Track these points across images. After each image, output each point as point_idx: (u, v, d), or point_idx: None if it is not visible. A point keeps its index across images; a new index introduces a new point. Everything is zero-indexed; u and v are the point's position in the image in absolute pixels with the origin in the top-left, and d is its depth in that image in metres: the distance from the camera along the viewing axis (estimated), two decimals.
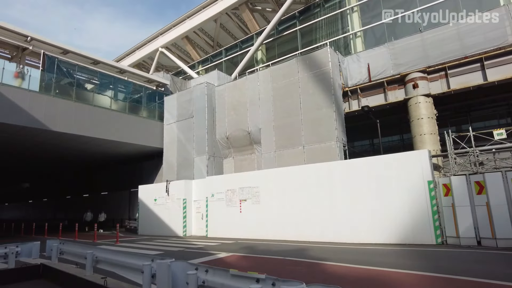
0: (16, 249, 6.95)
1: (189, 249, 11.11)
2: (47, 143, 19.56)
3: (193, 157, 19.82)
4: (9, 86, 15.69)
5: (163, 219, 17.66)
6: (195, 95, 20.55)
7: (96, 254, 5.65)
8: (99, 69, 20.42)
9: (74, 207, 31.84)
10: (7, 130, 16.36)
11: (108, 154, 23.46)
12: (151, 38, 34.08)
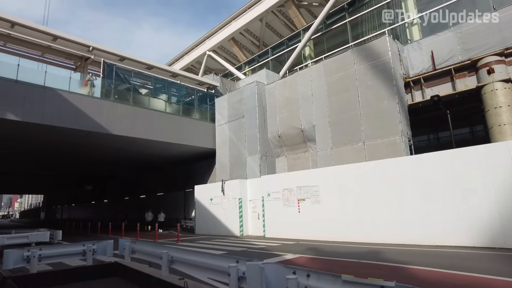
0: (93, 246, 7.02)
1: (251, 249, 10.77)
2: (108, 146, 20.50)
3: (245, 157, 19.62)
4: (76, 94, 16.58)
5: (220, 218, 17.62)
6: (245, 95, 20.36)
7: (171, 254, 5.44)
8: (153, 74, 21.02)
9: (132, 208, 33.27)
10: (75, 135, 17.29)
11: (163, 156, 24.09)
12: (198, 42, 34.76)
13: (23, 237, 11.38)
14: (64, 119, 16.07)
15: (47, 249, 6.63)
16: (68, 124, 16.18)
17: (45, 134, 17.03)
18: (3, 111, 14.61)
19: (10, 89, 14.80)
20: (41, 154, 22.96)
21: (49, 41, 17.42)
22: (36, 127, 15.82)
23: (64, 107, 16.09)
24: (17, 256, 6.23)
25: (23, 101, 15.08)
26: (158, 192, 29.39)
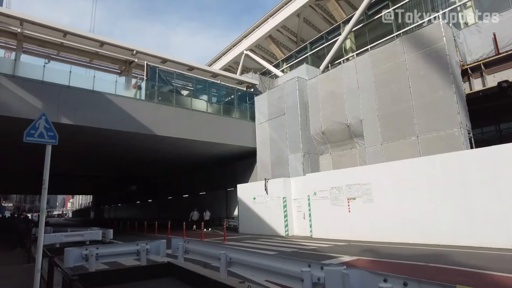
0: (146, 246, 6.91)
1: (302, 250, 10.28)
2: (152, 148, 20.94)
3: (287, 155, 19.13)
4: (122, 97, 17.04)
5: (263, 217, 17.28)
6: (286, 92, 19.87)
7: (229, 255, 5.11)
8: (194, 75, 21.17)
9: (176, 207, 34.00)
10: (121, 137, 17.79)
11: (204, 156, 24.25)
12: (235, 43, 34.75)
13: (78, 235, 11.76)
14: (111, 121, 16.56)
15: (103, 248, 6.60)
16: (115, 126, 16.65)
17: (94, 136, 17.67)
18: (58, 115, 15.31)
19: (63, 94, 15.49)
20: (90, 157, 24.01)
21: (97, 47, 18.08)
22: (86, 130, 16.44)
23: (111, 110, 16.57)
24: (76, 255, 6.24)
25: (74, 106, 15.72)
26: (200, 192, 29.72)
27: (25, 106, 14.51)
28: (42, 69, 15.51)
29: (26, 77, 14.78)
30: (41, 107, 14.89)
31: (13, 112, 14.25)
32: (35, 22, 15.93)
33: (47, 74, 15.52)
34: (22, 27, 15.93)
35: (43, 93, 15.05)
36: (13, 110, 14.25)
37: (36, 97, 14.86)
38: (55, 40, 17.07)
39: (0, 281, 6.90)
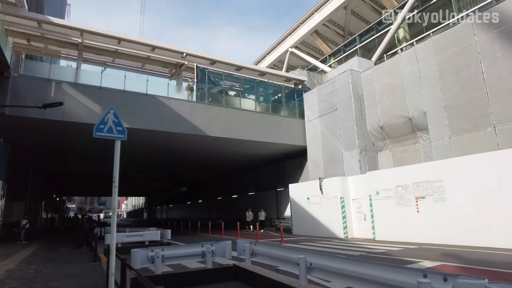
0: (211, 248, 6.58)
1: (371, 254, 9.43)
2: (202, 149, 21.05)
3: (341, 153, 18.16)
4: (174, 99, 17.26)
5: (319, 219, 16.50)
6: (338, 86, 18.91)
7: (310, 260, 4.55)
8: (242, 75, 20.97)
9: (225, 208, 34.19)
10: (174, 138, 18.03)
11: (253, 156, 23.98)
12: (279, 41, 34.24)
13: (138, 235, 11.91)
14: (164, 123, 16.81)
15: (169, 250, 6.37)
16: (168, 128, 16.90)
17: (147, 139, 18.10)
18: None
19: (119, 98, 15.99)
20: (144, 159, 24.80)
21: (148, 51, 18.54)
22: (140, 132, 16.84)
23: (164, 112, 16.83)
24: (143, 256, 6.06)
25: (130, 109, 16.16)
26: (249, 192, 29.52)
27: (86, 111, 15.16)
28: (100, 76, 16.17)
29: (86, 84, 15.47)
30: (99, 112, 15.46)
31: (77, 118, 14.96)
32: (93, 32, 16.66)
33: (104, 80, 16.13)
34: (82, 37, 16.74)
35: (101, 98, 15.64)
36: (77, 116, 14.95)
37: (95, 102, 15.48)
38: (110, 47, 17.76)
39: (71, 280, 6.97)
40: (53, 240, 18.81)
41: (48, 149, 19.86)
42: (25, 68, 15.01)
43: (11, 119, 14.33)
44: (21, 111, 14.01)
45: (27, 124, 15.07)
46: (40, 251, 12.96)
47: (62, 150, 20.22)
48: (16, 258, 10.68)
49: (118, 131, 4.96)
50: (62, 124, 15.26)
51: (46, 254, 11.68)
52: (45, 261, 9.92)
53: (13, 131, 15.92)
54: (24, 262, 9.87)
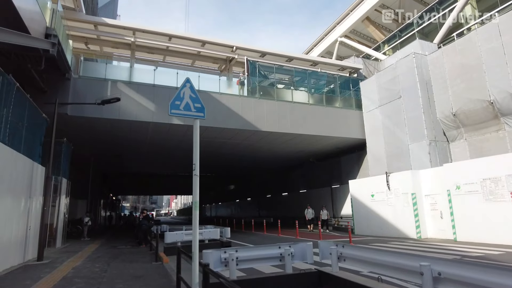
0: (290, 249, 5.73)
1: (466, 258, 8.01)
2: (254, 145, 20.40)
3: (407, 145, 16.48)
4: (226, 95, 16.77)
5: (385, 217, 15.05)
6: (400, 71, 17.22)
7: (438, 269, 3.50)
8: (293, 66, 19.98)
9: (274, 205, 33.36)
10: (226, 135, 17.55)
11: (306, 151, 22.90)
12: (326, 32, 32.73)
13: (198, 233, 11.43)
14: (217, 119, 16.36)
15: (243, 252, 5.62)
16: (220, 124, 16.43)
17: (201, 136, 17.77)
18: (171, 116, 15.64)
19: (172, 96, 15.75)
20: (191, 156, 24.72)
21: (199, 47, 18.23)
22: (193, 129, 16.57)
23: (217, 108, 16.39)
24: (216, 258, 5.37)
25: None
26: (300, 190, 28.43)
27: (141, 109, 15.15)
28: (152, 74, 16.11)
29: (140, 82, 15.46)
30: (154, 109, 15.40)
31: (132, 116, 14.99)
32: (145, 30, 16.68)
33: (157, 78, 16.04)
34: (134, 36, 16.83)
35: (155, 95, 15.54)
36: (132, 114, 14.99)
37: (149, 100, 15.42)
38: (161, 45, 17.71)
39: (137, 282, 6.53)
40: (112, 237, 19.28)
41: (106, 148, 20.41)
42: (84, 70, 15.37)
43: (72, 119, 14.71)
44: (81, 111, 14.31)
45: (86, 123, 15.41)
46: (102, 248, 13.06)
47: (118, 149, 20.69)
48: (81, 255, 10.71)
49: (196, 109, 4.27)
50: (119, 122, 15.40)
51: (108, 252, 11.65)
52: (109, 259, 9.77)
53: (74, 131, 16.38)
54: (89, 259, 9.79)
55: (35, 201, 9.98)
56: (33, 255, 9.80)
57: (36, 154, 10.35)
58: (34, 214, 9.94)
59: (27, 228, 9.37)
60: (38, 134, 10.65)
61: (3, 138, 7.77)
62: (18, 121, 8.87)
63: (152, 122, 15.45)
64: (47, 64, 12.58)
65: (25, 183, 9.22)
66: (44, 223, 9.26)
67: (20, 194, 8.81)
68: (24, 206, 9.14)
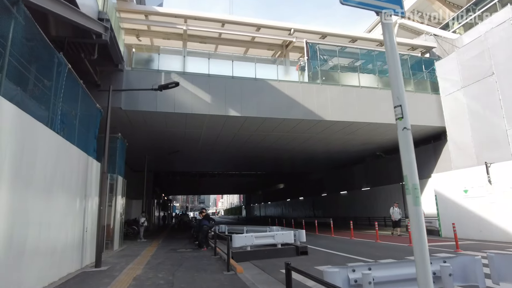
0: (447, 267, 3.74)
1: None
2: (313, 138, 18.44)
3: (504, 130, 13.54)
4: (284, 82, 15.07)
5: (487, 217, 12.32)
6: (492, 43, 14.27)
7: None
8: (358, 46, 17.69)
9: (331, 205, 30.80)
10: (284, 127, 15.81)
11: (371, 144, 20.43)
12: None
13: (269, 236, 9.74)
14: (276, 109, 14.72)
15: (380, 270, 3.73)
16: (280, 114, 14.77)
17: (258, 128, 16.22)
18: (226, 107, 14.26)
19: (228, 85, 14.42)
20: (246, 154, 23.29)
21: (253, 32, 16.65)
22: (251, 121, 15.04)
23: (275, 97, 14.77)
24: (343, 279, 3.54)
25: (239, 96, 14.47)
26: (362, 187, 25.79)
27: (196, 101, 13.95)
28: (206, 63, 14.83)
29: (194, 72, 14.22)
30: (209, 101, 14.10)
31: (187, 108, 13.82)
32: (197, 17, 15.45)
33: (211, 68, 14.73)
34: (186, 24, 15.67)
35: (210, 86, 14.26)
36: (187, 106, 13.82)
37: (204, 91, 14.16)
38: (214, 31, 16.39)
39: None
40: (168, 238, 18.30)
41: (159, 147, 19.59)
42: (136, 62, 14.48)
43: (126, 114, 13.83)
44: (135, 105, 13.38)
45: (141, 118, 14.48)
46: (161, 251, 11.85)
47: (173, 147, 19.79)
48: (141, 261, 9.47)
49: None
50: (174, 117, 14.30)
51: (169, 257, 10.34)
52: (172, 267, 8.38)
53: (128, 128, 15.58)
54: (150, 267, 8.48)
55: (91, 200, 8.89)
56: (91, 260, 8.71)
57: (91, 148, 9.29)
58: (91, 215, 8.85)
59: (83, 230, 8.27)
60: (92, 126, 9.59)
61: (55, 126, 6.63)
62: (71, 109, 7.76)
63: (208, 115, 14.16)
64: (100, 55, 11.75)
65: (81, 180, 8.10)
66: (101, 224, 8.08)
67: (75, 191, 7.68)
68: (80, 205, 8.02)
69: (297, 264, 8.34)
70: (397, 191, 21.49)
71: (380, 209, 22.96)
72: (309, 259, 9.35)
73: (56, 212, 6.53)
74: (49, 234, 6.20)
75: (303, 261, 8.97)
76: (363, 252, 10.39)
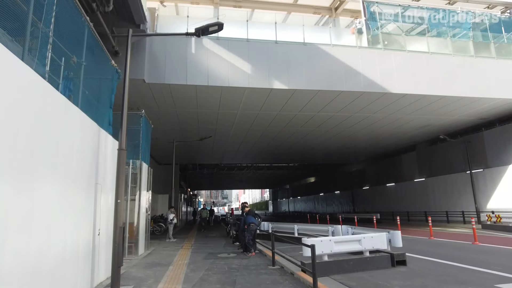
0: None
1: None
2: (369, 118, 15.36)
3: None
4: (339, 47, 12.08)
5: None
6: None
7: None
8: (425, 4, 14.32)
9: (377, 199, 27.07)
10: (343, 99, 12.69)
11: (432, 126, 17.05)
12: None
13: (353, 241, 6.76)
14: (329, 80, 11.76)
15: None
16: (334, 86, 11.79)
17: (305, 106, 13.27)
18: (270, 79, 11.37)
19: (271, 52, 11.55)
20: (278, 142, 20.35)
21: None
22: (299, 96, 12.09)
23: (328, 65, 11.79)
24: None
25: (286, 65, 11.55)
26: (415, 178, 22.18)
27: (234, 72, 11.19)
28: (244, 26, 11.98)
29: (230, 37, 11.39)
30: (249, 71, 11.28)
31: (224, 81, 11.08)
32: None
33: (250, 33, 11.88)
34: None
35: (250, 53, 11.45)
36: (223, 78, 11.09)
37: (243, 59, 11.35)
38: None
39: None
40: (201, 237, 15.65)
41: (188, 133, 16.98)
42: (160, 27, 11.81)
43: (151, 89, 11.23)
44: (162, 77, 10.79)
45: (167, 95, 11.86)
46: (198, 257, 9.12)
47: (202, 133, 17.15)
48: (175, 275, 6.73)
49: None
50: (206, 93, 11.58)
51: (212, 267, 7.56)
52: (223, 285, 5.61)
53: (153, 109, 13.01)
54: (191, 286, 5.73)
55: (105, 191, 6.23)
56: (107, 274, 6.08)
57: (105, 120, 6.59)
58: (106, 211, 6.20)
59: (94, 232, 5.61)
60: (106, 91, 6.88)
61: (38, 65, 3.97)
62: (71, 53, 5.06)
63: (248, 89, 11.37)
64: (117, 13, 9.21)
65: (88, 160, 5.41)
66: (118, 225, 5.36)
67: (79, 176, 4.99)
68: (87, 197, 5.35)
69: (406, 284, 5.39)
70: (463, 181, 17.93)
71: (440, 202, 19.46)
72: (416, 273, 6.31)
73: (42, 207, 3.85)
74: (27, 246, 3.52)
75: (409, 277, 5.98)
76: (478, 260, 7.25)
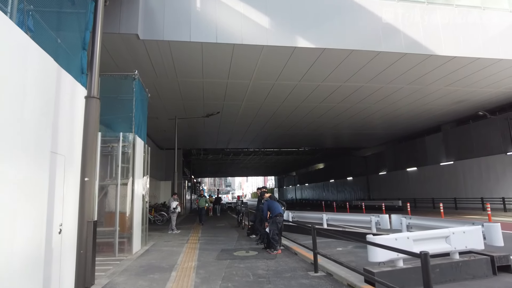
0: None
1: None
2: (403, 90, 13.17)
3: None
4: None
5: None
6: None
7: None
8: None
9: (393, 185, 24.91)
10: (380, 61, 10.43)
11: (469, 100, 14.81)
12: None
13: (439, 238, 4.61)
14: (366, 38, 9.57)
15: None
16: (372, 45, 9.57)
17: (333, 72, 11.06)
18: (293, 35, 9.13)
19: (296, 3, 9.26)
20: (288, 123, 18.22)
21: None
22: (329, 56, 9.82)
23: (362, 20, 9.56)
24: None
25: (313, 20, 9.30)
26: (441, 162, 19.94)
27: (248, 27, 9.00)
28: None
29: None
30: (268, 26, 9.06)
31: (236, 38, 8.89)
32: None
33: None
34: None
35: (268, 4, 9.14)
36: (236, 35, 8.92)
37: (260, 11, 9.14)
38: None
39: None
40: (208, 228, 13.62)
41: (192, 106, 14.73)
42: None
43: (146, 48, 9.02)
44: (159, 33, 8.63)
45: (167, 56, 9.63)
46: (209, 256, 7.04)
47: (208, 110, 14.98)
48: (183, 285, 4.67)
49: None
50: (216, 51, 9.34)
51: (231, 272, 5.49)
52: None
53: (150, 77, 10.84)
54: None
55: (74, 167, 4.10)
56: None
57: (74, 65, 4.44)
58: (75, 197, 4.08)
59: (52, 230, 3.51)
60: (77, 23, 4.67)
61: None
62: None
63: (266, 46, 9.17)
64: None
65: (36, 116, 3.27)
66: (85, 218, 3.23)
67: (17, 141, 2.87)
68: (36, 174, 3.23)
69: None
70: (501, 164, 15.73)
71: (472, 188, 17.32)
72: None
73: None
74: None
75: None
76: None
